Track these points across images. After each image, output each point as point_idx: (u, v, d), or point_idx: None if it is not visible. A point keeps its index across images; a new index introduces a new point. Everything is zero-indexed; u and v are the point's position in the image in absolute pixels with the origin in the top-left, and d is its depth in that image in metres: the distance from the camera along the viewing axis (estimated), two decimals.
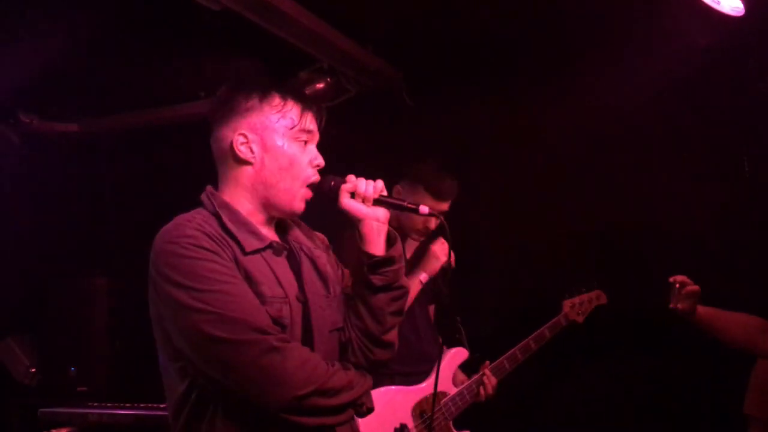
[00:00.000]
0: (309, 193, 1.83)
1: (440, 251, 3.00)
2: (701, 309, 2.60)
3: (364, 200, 1.81)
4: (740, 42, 3.12)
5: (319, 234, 2.02)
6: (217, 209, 1.75)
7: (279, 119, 1.79)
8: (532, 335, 3.20)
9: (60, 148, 4.51)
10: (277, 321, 1.67)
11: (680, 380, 3.62)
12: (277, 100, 1.80)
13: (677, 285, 2.58)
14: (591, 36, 3.41)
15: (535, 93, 3.75)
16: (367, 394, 1.80)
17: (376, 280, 1.79)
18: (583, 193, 3.83)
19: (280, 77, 3.92)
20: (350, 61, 3.74)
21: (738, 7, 2.76)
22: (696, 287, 2.57)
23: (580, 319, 3.32)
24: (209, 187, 1.83)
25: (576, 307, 3.31)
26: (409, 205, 1.88)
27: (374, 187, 1.84)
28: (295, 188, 1.79)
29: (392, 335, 1.86)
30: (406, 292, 1.85)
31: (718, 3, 2.78)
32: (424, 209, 1.86)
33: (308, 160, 1.82)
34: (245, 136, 1.78)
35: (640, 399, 3.67)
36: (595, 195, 3.80)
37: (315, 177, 1.83)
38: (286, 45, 3.43)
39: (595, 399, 3.71)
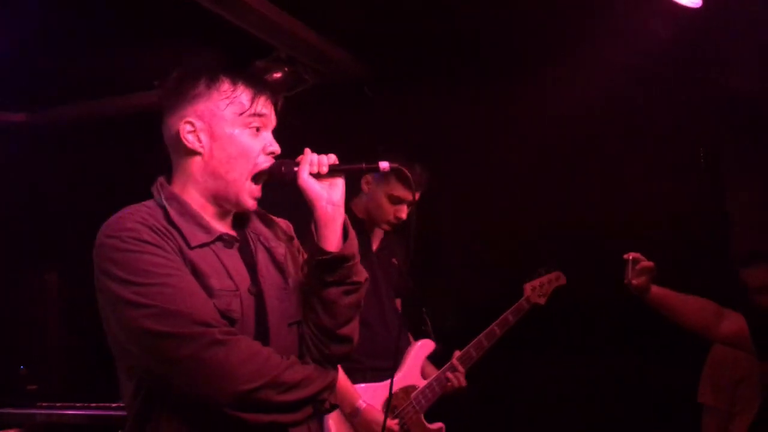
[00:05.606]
0: (257, 191, 1.73)
1: None
2: (656, 288, 2.61)
3: (318, 173, 1.70)
4: (698, 34, 3.15)
5: (282, 220, 1.92)
6: (164, 201, 1.67)
7: (228, 105, 1.69)
8: (496, 321, 3.21)
9: (7, 138, 4.37)
10: (225, 314, 1.59)
11: (635, 370, 3.65)
12: (226, 85, 1.71)
13: (631, 260, 2.58)
14: (553, 29, 3.42)
15: (499, 85, 3.74)
16: (330, 389, 1.71)
17: (327, 276, 1.69)
18: (545, 184, 3.83)
19: (236, 66, 3.85)
20: (309, 51, 3.68)
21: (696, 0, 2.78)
22: (650, 263, 2.57)
23: (542, 301, 3.30)
24: (160, 178, 1.75)
25: (537, 289, 3.30)
26: (367, 166, 1.75)
27: (327, 157, 1.72)
28: (243, 179, 1.69)
29: (349, 329, 1.73)
30: (360, 287, 1.74)
31: None
32: (384, 165, 1.73)
33: (261, 147, 1.72)
34: (192, 125, 1.69)
35: (598, 389, 3.70)
36: (557, 186, 3.81)
37: (265, 164, 1.72)
38: (243, 33, 3.36)
39: (562, 387, 3.74)
